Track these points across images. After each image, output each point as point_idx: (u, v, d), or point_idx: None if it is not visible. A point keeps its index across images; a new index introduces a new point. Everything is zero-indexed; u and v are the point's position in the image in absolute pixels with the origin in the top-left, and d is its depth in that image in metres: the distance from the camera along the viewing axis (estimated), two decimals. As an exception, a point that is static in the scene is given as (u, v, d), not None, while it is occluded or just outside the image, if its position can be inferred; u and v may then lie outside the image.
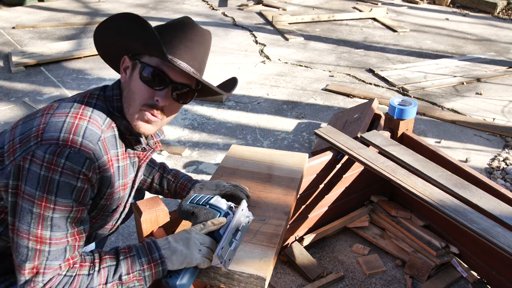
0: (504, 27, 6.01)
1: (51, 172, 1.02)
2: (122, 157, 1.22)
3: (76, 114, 1.11)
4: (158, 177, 1.58)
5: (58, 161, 1.03)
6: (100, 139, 1.12)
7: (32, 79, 4.12)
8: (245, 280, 1.25)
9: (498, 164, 2.98)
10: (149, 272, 1.12)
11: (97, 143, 1.10)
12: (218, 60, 4.66)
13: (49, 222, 1.03)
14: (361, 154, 1.96)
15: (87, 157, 1.07)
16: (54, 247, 1.04)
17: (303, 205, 2.11)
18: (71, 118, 1.10)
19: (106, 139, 1.15)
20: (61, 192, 1.04)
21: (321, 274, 2.05)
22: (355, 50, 5.06)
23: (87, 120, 1.11)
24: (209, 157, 3.03)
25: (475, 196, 1.71)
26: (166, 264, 1.13)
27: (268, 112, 3.65)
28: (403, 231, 2.19)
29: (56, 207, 1.04)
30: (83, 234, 1.12)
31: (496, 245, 1.48)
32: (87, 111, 1.14)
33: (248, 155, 1.85)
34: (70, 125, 1.08)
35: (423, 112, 3.63)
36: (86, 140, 1.08)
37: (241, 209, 1.26)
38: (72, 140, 1.06)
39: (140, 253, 1.13)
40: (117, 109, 1.19)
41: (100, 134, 1.12)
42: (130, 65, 1.19)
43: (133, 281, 1.11)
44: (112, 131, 1.18)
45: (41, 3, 6.57)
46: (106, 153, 1.14)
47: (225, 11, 6.37)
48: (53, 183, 1.03)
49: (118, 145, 1.20)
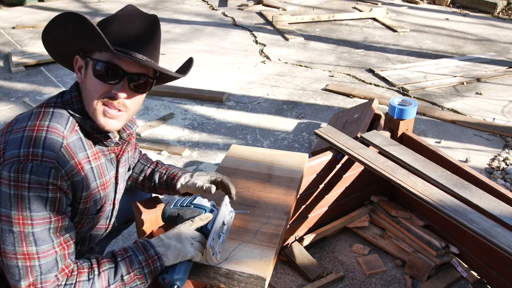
0: (504, 27, 6.01)
1: (19, 190, 1.03)
2: (94, 158, 1.21)
3: (34, 126, 1.10)
4: (149, 172, 1.56)
5: (23, 177, 1.03)
6: (62, 145, 1.11)
7: (32, 79, 4.12)
8: (245, 280, 1.25)
9: (498, 164, 2.98)
10: (148, 269, 1.14)
11: (60, 150, 1.09)
12: (218, 60, 4.66)
13: (32, 237, 1.04)
14: (361, 154, 1.96)
15: (51, 167, 1.06)
16: (44, 260, 1.05)
17: (303, 205, 2.11)
18: (28, 131, 1.09)
19: (71, 144, 1.14)
20: (35, 206, 1.04)
21: (321, 274, 2.05)
22: (355, 50, 5.06)
23: (45, 130, 1.10)
24: (209, 157, 3.03)
25: (475, 196, 1.71)
26: (162, 259, 1.16)
27: (268, 112, 3.65)
28: (403, 231, 2.19)
29: (34, 222, 1.04)
30: (70, 241, 1.12)
31: (496, 245, 1.48)
32: (44, 121, 1.12)
33: (248, 155, 1.85)
34: (28, 139, 1.07)
35: (423, 112, 3.63)
36: (47, 150, 1.07)
37: (225, 203, 1.33)
38: (33, 154, 1.05)
39: (137, 253, 1.15)
40: (78, 111, 1.18)
41: (61, 141, 1.11)
42: (83, 64, 1.18)
43: (135, 280, 1.13)
44: (77, 134, 1.17)
45: (41, 3, 6.57)
46: (73, 157, 1.13)
47: (225, 11, 6.37)
48: (24, 200, 1.03)
49: (86, 147, 1.19)
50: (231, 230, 1.43)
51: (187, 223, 1.24)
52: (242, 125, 3.44)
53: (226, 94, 3.87)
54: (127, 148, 1.35)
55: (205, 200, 1.34)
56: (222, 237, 1.28)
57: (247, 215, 1.49)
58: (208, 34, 5.45)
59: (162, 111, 3.60)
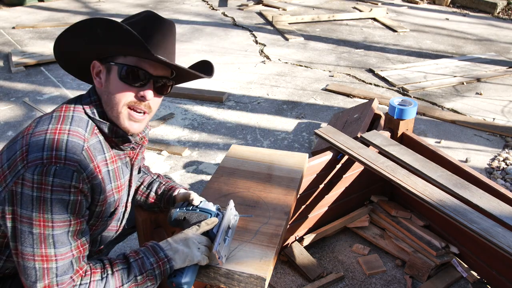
0: (504, 27, 6.01)
1: (42, 192, 1.04)
2: (111, 161, 1.23)
3: (55, 130, 1.11)
4: (148, 180, 1.55)
5: (47, 180, 1.04)
6: (83, 148, 1.12)
7: (32, 79, 4.12)
8: (245, 280, 1.25)
9: (498, 164, 2.98)
10: (159, 270, 1.17)
11: (81, 153, 1.11)
12: (218, 60, 4.66)
13: (51, 239, 1.05)
14: (361, 154, 1.96)
15: (74, 170, 1.07)
16: (61, 263, 1.06)
17: (303, 205, 2.11)
18: (50, 134, 1.10)
19: (91, 147, 1.15)
20: (56, 209, 1.05)
21: (321, 274, 2.05)
22: (355, 50, 5.06)
23: (67, 133, 1.12)
24: (209, 157, 3.03)
25: (475, 196, 1.71)
26: (172, 262, 1.18)
27: (268, 112, 3.65)
28: (403, 231, 2.19)
29: (55, 224, 1.05)
30: (86, 244, 1.14)
31: (496, 245, 1.48)
32: (65, 124, 1.13)
33: (248, 155, 1.85)
34: (51, 141, 1.08)
35: (423, 112, 3.63)
36: (69, 153, 1.08)
37: (230, 208, 1.36)
38: (56, 156, 1.06)
39: (148, 255, 1.18)
40: (98, 114, 1.19)
41: (82, 144, 1.12)
42: (102, 68, 1.18)
43: (146, 282, 1.16)
44: (96, 137, 1.18)
45: (41, 3, 6.57)
46: (92, 161, 1.14)
47: (225, 11, 6.37)
48: (47, 202, 1.04)
49: (105, 150, 1.20)
50: (231, 230, 1.43)
51: (194, 228, 1.27)
52: (242, 125, 3.44)
53: (226, 94, 3.87)
54: (140, 151, 1.37)
55: (210, 204, 1.37)
56: (228, 240, 1.30)
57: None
58: (208, 34, 5.45)
59: (162, 111, 3.60)
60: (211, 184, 1.66)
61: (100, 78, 1.19)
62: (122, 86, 1.16)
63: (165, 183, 1.54)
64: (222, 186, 1.65)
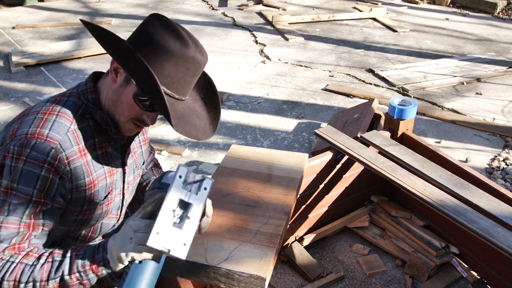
0: (504, 27, 6.01)
1: (18, 162, 1.07)
2: (101, 146, 1.24)
3: (46, 110, 1.16)
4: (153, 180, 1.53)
5: (24, 151, 1.07)
6: (69, 130, 1.15)
7: (32, 79, 4.12)
8: (245, 280, 1.25)
9: (498, 164, 2.98)
10: (93, 275, 1.01)
11: (66, 134, 1.13)
12: (218, 60, 4.66)
13: (7, 207, 1.07)
14: (361, 154, 1.96)
15: (53, 147, 1.10)
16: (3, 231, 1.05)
17: (303, 205, 2.11)
18: (41, 114, 1.15)
19: (79, 130, 1.17)
20: (23, 180, 1.07)
21: (321, 274, 2.05)
22: (355, 50, 5.06)
23: (56, 114, 1.15)
24: (209, 157, 3.03)
25: (475, 196, 1.71)
26: (109, 265, 1.01)
27: (268, 112, 3.65)
28: (403, 231, 2.19)
29: (17, 194, 1.07)
30: (40, 227, 1.11)
31: (496, 245, 1.48)
32: (57, 106, 1.17)
33: (248, 155, 1.85)
34: (39, 120, 1.13)
35: (423, 112, 3.63)
36: (52, 132, 1.11)
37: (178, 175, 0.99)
38: (39, 133, 1.10)
39: (88, 253, 1.03)
40: (91, 100, 1.21)
41: (69, 126, 1.15)
42: (122, 72, 1.16)
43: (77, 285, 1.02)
44: (86, 122, 1.20)
45: (41, 3, 6.57)
46: (78, 143, 1.16)
47: (225, 11, 6.37)
48: (18, 171, 1.07)
49: (95, 135, 1.22)
50: (232, 230, 1.42)
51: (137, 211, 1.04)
52: (242, 125, 3.44)
53: (226, 94, 3.87)
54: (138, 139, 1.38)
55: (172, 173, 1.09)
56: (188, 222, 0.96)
57: (247, 215, 1.49)
58: (208, 34, 5.45)
59: (162, 111, 3.60)
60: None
61: (116, 76, 1.17)
62: (132, 104, 1.16)
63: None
64: (222, 186, 1.65)
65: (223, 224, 1.45)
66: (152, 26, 1.11)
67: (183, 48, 1.10)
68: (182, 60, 1.11)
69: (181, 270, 1.30)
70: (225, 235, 1.40)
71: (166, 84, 1.11)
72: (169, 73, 1.10)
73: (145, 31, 1.11)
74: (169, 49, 1.09)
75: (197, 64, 1.14)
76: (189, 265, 1.29)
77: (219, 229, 1.43)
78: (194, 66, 1.13)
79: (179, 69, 1.11)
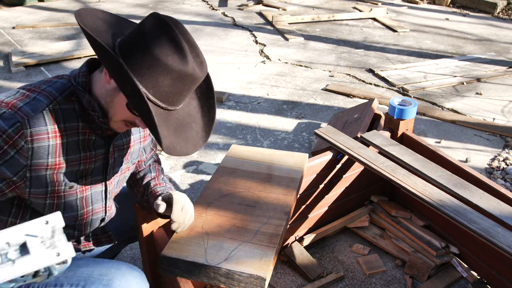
0: (504, 27, 6.01)
1: None
2: (83, 131, 1.21)
3: (31, 87, 1.16)
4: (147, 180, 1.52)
5: None
6: (45, 108, 1.13)
7: (32, 79, 4.12)
8: (245, 280, 1.25)
9: (498, 164, 2.98)
10: None
11: (40, 112, 1.12)
12: (218, 60, 4.66)
13: None
14: (361, 154, 1.96)
15: (19, 121, 1.09)
16: None
17: (303, 205, 2.11)
18: (24, 90, 1.15)
19: (60, 111, 1.15)
20: None
21: (321, 274, 2.05)
22: (355, 50, 5.06)
23: (38, 91, 1.15)
24: (209, 157, 3.03)
25: (475, 196, 1.71)
26: None
27: (268, 112, 3.65)
28: (403, 231, 2.19)
29: None
30: None
31: (496, 245, 1.48)
32: (43, 85, 1.17)
33: (248, 155, 1.85)
34: (20, 94, 1.14)
35: (423, 112, 3.63)
36: (26, 107, 1.11)
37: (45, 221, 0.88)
38: (13, 104, 1.10)
39: None
40: (81, 84, 1.19)
41: (47, 104, 1.14)
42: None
43: None
44: (72, 104, 1.18)
45: (41, 3, 6.57)
46: (53, 123, 1.14)
47: (225, 11, 6.37)
48: None
49: (78, 119, 1.19)
50: (232, 230, 1.42)
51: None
52: (242, 125, 3.44)
53: (226, 94, 3.87)
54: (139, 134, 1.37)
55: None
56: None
57: (247, 215, 1.49)
58: (208, 34, 5.45)
59: (162, 111, 3.60)
60: (211, 184, 1.67)
61: (110, 78, 1.15)
62: (124, 109, 1.16)
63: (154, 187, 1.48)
64: (222, 186, 1.65)
65: (223, 224, 1.45)
66: (152, 33, 1.08)
67: (183, 64, 1.07)
68: (180, 78, 1.09)
69: (181, 270, 1.30)
70: (225, 235, 1.40)
71: (160, 98, 1.09)
72: (164, 88, 1.08)
73: (144, 37, 1.07)
74: (167, 65, 1.06)
75: (196, 80, 1.13)
76: (189, 265, 1.29)
77: (219, 229, 1.43)
78: (191, 82, 1.12)
79: (176, 85, 1.09)
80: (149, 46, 1.06)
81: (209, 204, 1.54)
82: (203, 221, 1.46)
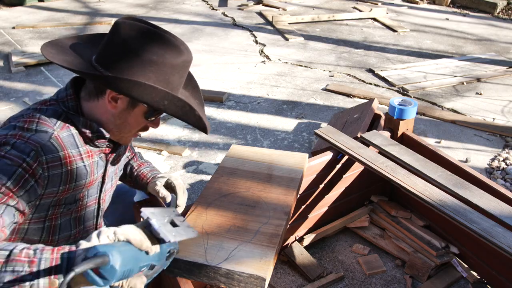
0: (504, 27, 6.01)
1: None
2: (87, 155, 1.22)
3: (26, 119, 1.13)
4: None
5: (4, 148, 1.05)
6: (51, 136, 1.13)
7: (32, 79, 4.12)
8: (245, 280, 1.25)
9: (498, 164, 2.98)
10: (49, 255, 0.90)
11: (48, 140, 1.11)
12: (218, 60, 4.66)
13: None
14: (361, 154, 1.96)
15: (33, 149, 1.07)
16: None
17: (303, 205, 2.11)
18: (21, 123, 1.12)
19: (62, 138, 1.15)
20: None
21: (321, 274, 2.05)
22: (355, 50, 5.06)
23: (36, 121, 1.13)
24: (209, 157, 3.03)
25: (475, 196, 1.71)
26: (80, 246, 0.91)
27: (268, 112, 3.65)
28: (403, 231, 2.19)
29: None
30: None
31: (496, 245, 1.48)
32: (37, 114, 1.15)
33: (248, 155, 1.85)
34: (21, 124, 1.12)
35: (423, 112, 3.63)
36: (34, 136, 1.10)
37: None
38: (20, 135, 1.09)
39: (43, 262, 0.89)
40: (72, 108, 1.19)
41: (51, 132, 1.13)
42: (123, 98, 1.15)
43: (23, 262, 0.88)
44: (68, 131, 1.18)
45: (41, 3, 6.57)
46: (63, 149, 1.14)
47: (225, 11, 6.37)
48: None
49: (78, 144, 1.19)
50: (231, 230, 1.42)
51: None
52: (242, 125, 3.44)
53: (226, 94, 3.87)
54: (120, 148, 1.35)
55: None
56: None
57: (247, 215, 1.49)
58: (208, 34, 5.45)
59: (162, 111, 3.59)
60: (211, 184, 1.66)
61: (116, 103, 1.16)
62: (141, 120, 1.21)
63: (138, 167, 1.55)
64: (222, 186, 1.65)
65: (223, 224, 1.45)
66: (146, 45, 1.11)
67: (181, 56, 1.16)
68: (183, 68, 1.19)
69: (181, 270, 1.30)
70: (225, 235, 1.40)
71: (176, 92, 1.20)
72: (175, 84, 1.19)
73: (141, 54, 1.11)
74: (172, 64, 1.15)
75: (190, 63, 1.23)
76: (189, 265, 1.29)
77: (219, 229, 1.43)
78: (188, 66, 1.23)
79: (182, 75, 1.20)
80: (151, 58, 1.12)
81: (209, 204, 1.54)
82: (203, 221, 1.46)
